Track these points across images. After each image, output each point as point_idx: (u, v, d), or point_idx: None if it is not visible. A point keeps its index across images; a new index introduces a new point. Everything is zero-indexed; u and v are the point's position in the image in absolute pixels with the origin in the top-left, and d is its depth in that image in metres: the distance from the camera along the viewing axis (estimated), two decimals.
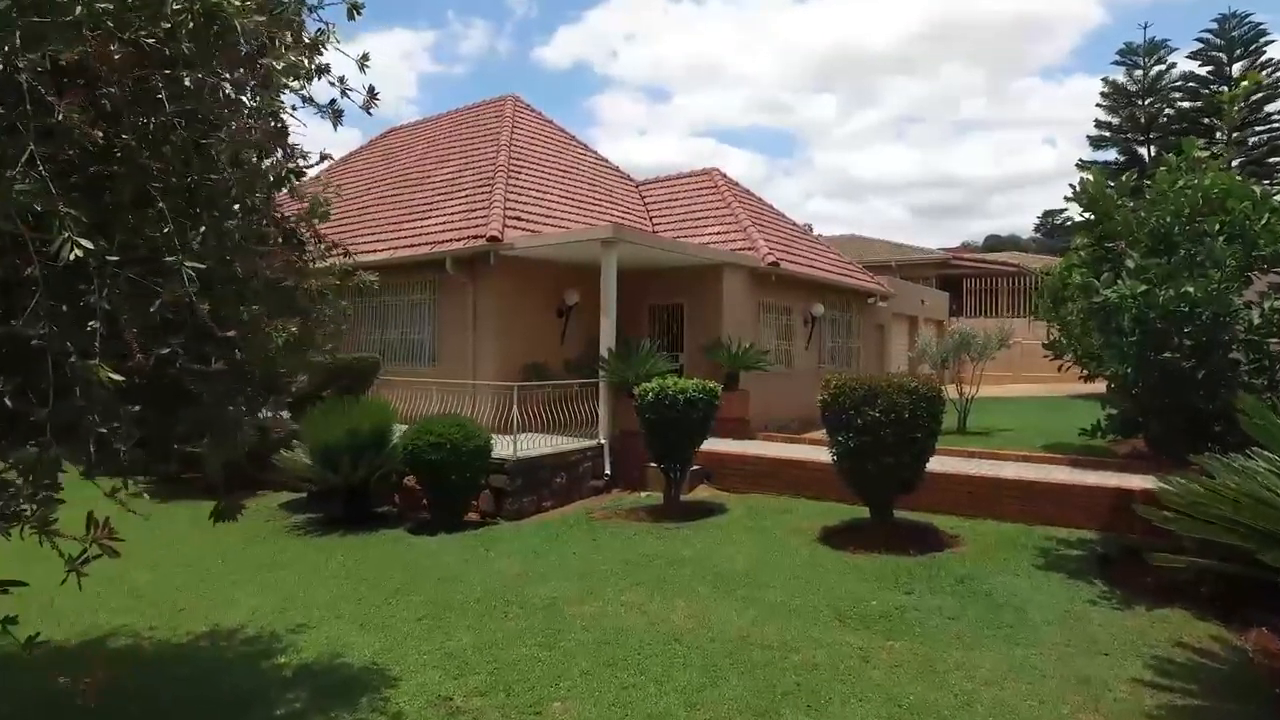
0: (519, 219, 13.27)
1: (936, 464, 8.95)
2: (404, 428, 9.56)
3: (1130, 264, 5.34)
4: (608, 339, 11.32)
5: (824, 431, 7.86)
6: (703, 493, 10.43)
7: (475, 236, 12.46)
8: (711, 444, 11.54)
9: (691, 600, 6.11)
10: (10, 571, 2.94)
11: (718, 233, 15.93)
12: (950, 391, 13.22)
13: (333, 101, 3.72)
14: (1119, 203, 6.08)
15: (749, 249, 14.80)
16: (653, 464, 10.08)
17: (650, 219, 17.63)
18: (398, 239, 14.43)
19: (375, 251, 14.45)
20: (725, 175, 18.66)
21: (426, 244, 13.40)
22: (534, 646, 5.26)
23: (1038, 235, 72.28)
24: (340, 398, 10.00)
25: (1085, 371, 6.51)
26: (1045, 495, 8.37)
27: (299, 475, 9.60)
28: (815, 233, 44.72)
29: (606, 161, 19.97)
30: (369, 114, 3.85)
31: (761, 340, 14.94)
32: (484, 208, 13.42)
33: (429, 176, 16.79)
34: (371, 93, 3.78)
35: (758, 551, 7.42)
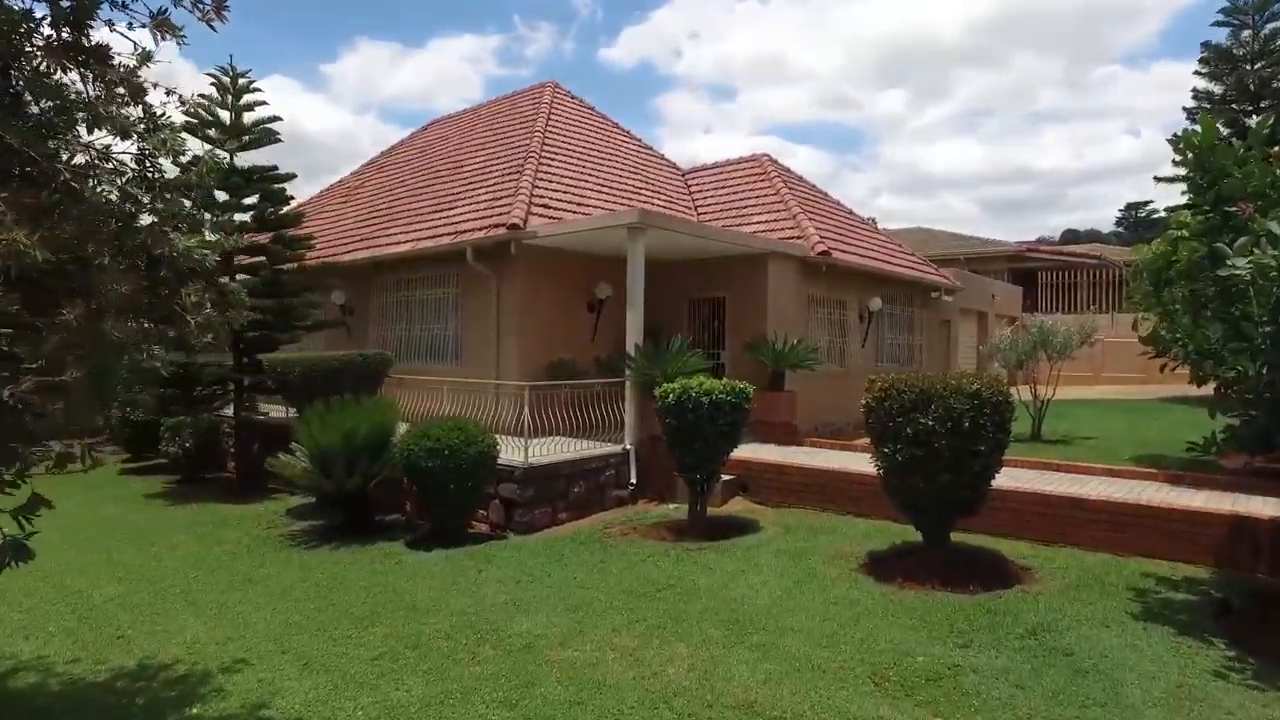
0: (547, 207, 12.38)
1: (1005, 477, 7.68)
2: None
3: (1276, 226, 3.98)
4: (635, 334, 10.32)
5: None
6: (737, 506, 9.32)
7: (496, 225, 11.63)
8: (751, 450, 10.45)
9: (697, 646, 5.06)
10: None
11: (766, 221, 14.75)
12: (1022, 393, 11.77)
13: (161, 11, 2.85)
14: (1242, 152, 4.73)
15: (798, 238, 13.59)
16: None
17: (695, 208, 16.55)
18: (421, 231, 13.74)
19: (397, 245, 13.82)
20: (775, 161, 17.44)
21: (449, 235, 12.65)
22: (493, 704, 4.31)
23: (1119, 230, 68.21)
24: (344, 397, 9.28)
25: (1199, 373, 5.13)
26: (1139, 520, 7.00)
27: (294, 481, 8.90)
28: (879, 227, 42.76)
29: (651, 149, 18.98)
30: (212, 28, 2.98)
31: (811, 337, 13.71)
32: (510, 195, 12.58)
33: (460, 167, 16.09)
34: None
35: (787, 582, 6.30)
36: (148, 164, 3.32)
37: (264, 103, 13.07)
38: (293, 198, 13.26)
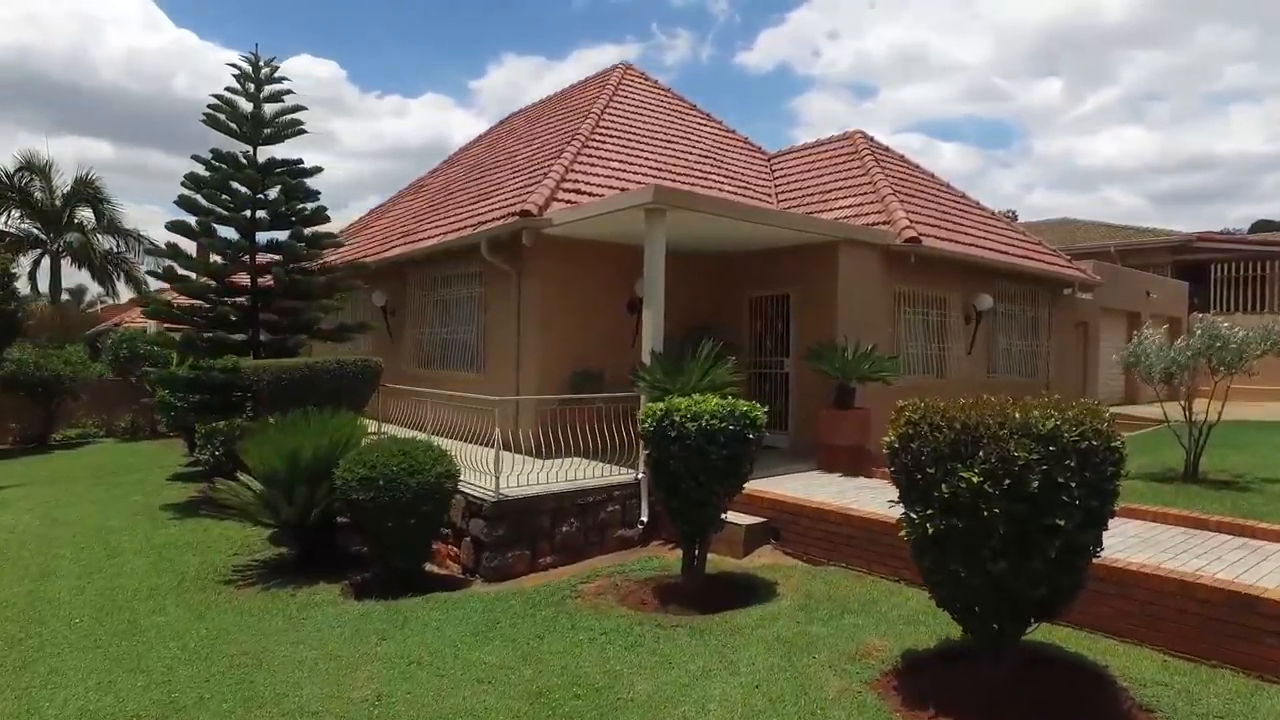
0: (579, 193, 10.76)
1: (1131, 541, 5.35)
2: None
3: None
4: (653, 339, 8.49)
5: None
6: (762, 558, 7.29)
7: (511, 213, 10.13)
8: (804, 482, 8.48)
9: None
10: None
11: (850, 205, 12.48)
12: (1172, 411, 8.93)
13: None
14: None
15: (884, 223, 11.27)
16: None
17: (776, 194, 14.45)
18: (450, 226, 12.52)
19: (427, 240, 12.66)
20: (870, 139, 15.04)
21: (471, 227, 11.31)
22: None
23: None
24: (310, 410, 8.06)
25: None
26: None
27: (241, 509, 7.71)
28: (1017, 221, 38.39)
29: (733, 133, 17.00)
30: None
31: (901, 341, 11.33)
32: (539, 182, 11.08)
33: (513, 157, 14.82)
34: None
35: (760, 701, 4.30)
36: None
37: (289, 92, 12.25)
38: (318, 192, 12.35)
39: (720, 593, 6.24)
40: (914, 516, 4.11)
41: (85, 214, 30.05)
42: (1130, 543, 6.24)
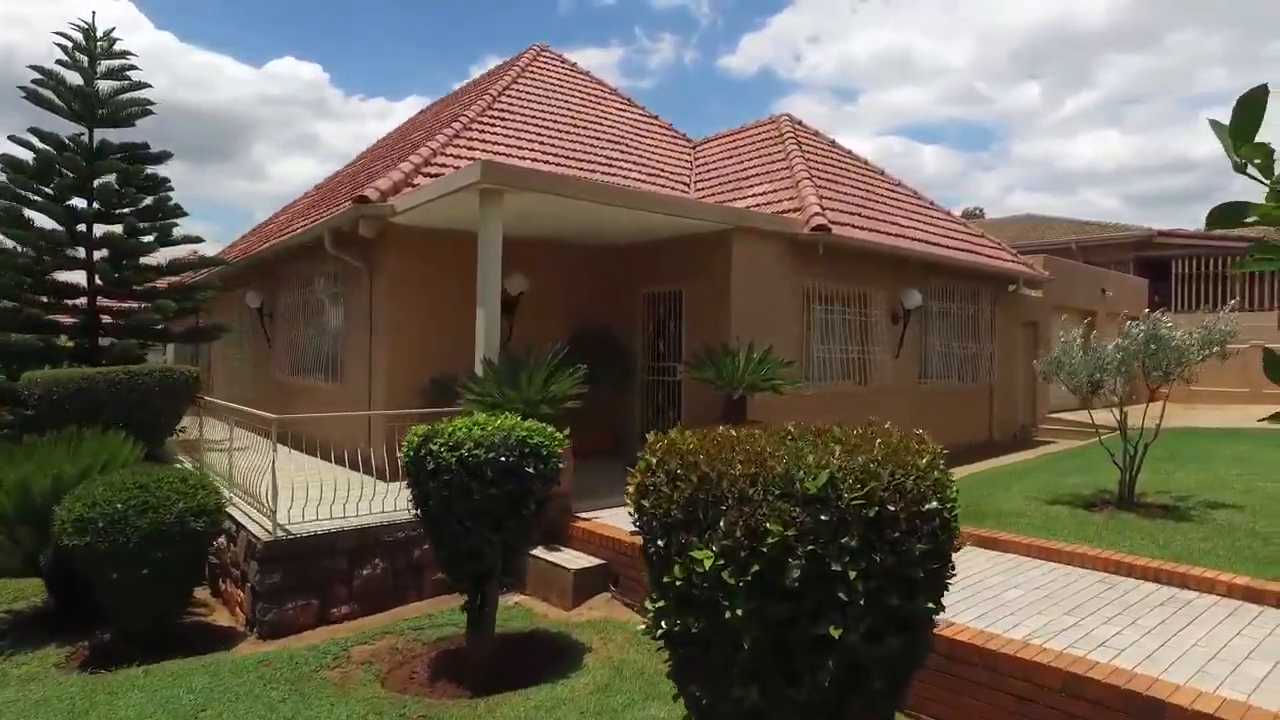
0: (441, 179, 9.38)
1: (1020, 593, 4.09)
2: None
3: None
4: (486, 345, 7.15)
5: None
6: (594, 612, 5.96)
7: (353, 201, 8.75)
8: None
9: None
10: None
11: (765, 192, 11.22)
12: (1108, 421, 7.72)
13: None
14: None
15: (795, 211, 10.00)
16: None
17: (694, 182, 13.17)
18: (313, 219, 11.14)
19: (282, 235, 11.29)
20: (798, 123, 13.83)
21: (324, 218, 9.93)
22: None
23: None
24: (82, 430, 6.68)
25: None
26: None
27: None
28: (989, 219, 37.36)
29: (655, 119, 15.70)
30: None
31: (812, 344, 10.06)
32: (396, 165, 9.72)
33: (402, 146, 13.43)
34: None
35: None
36: None
37: (133, 68, 10.81)
38: (166, 180, 10.92)
39: (517, 661, 4.93)
40: (648, 608, 2.78)
41: None
42: (1031, 597, 4.97)
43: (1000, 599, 4.94)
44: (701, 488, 2.54)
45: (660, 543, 2.65)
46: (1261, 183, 1.31)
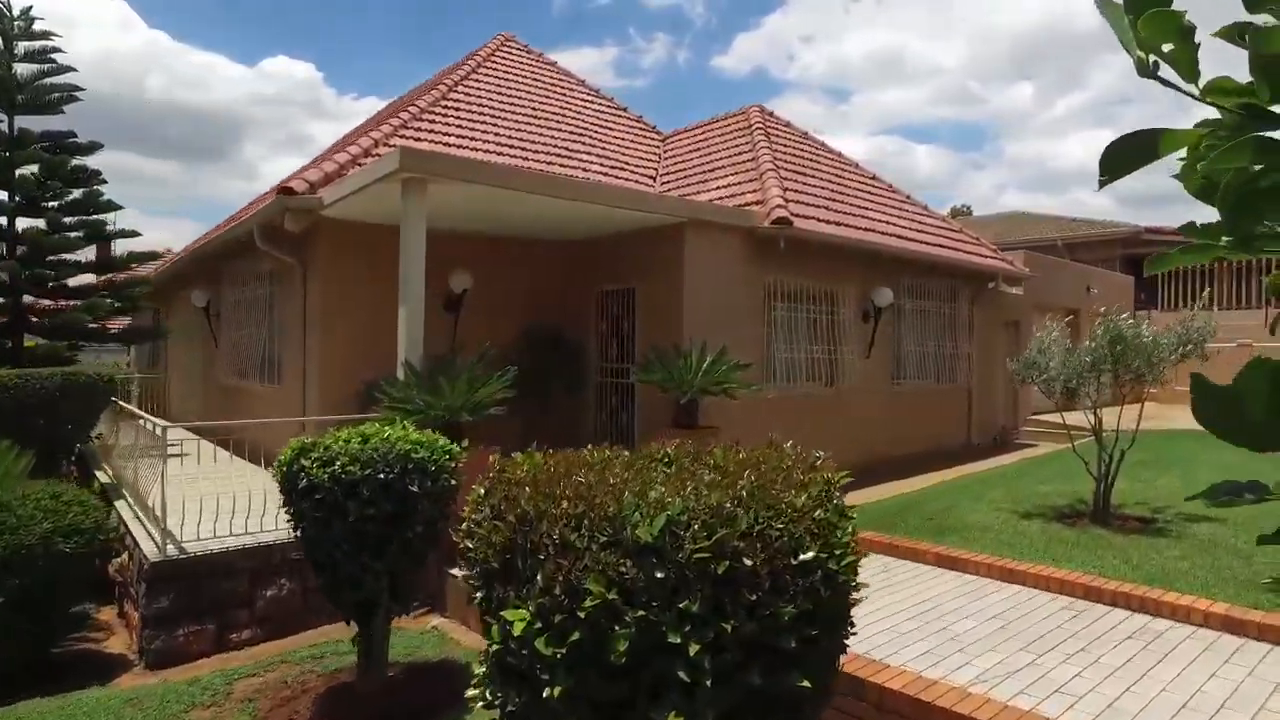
0: None
1: (973, 623, 3.62)
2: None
3: None
4: (410, 347, 6.61)
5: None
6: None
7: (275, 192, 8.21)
8: None
9: None
10: None
11: (728, 185, 10.69)
12: (1078, 419, 7.22)
13: None
14: None
15: (756, 204, 9.48)
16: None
17: (659, 176, 12.65)
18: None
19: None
20: (769, 114, 13.31)
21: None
22: None
23: None
24: None
25: None
26: None
27: None
28: (975, 216, 36.85)
29: (624, 111, 15.16)
30: None
31: (776, 344, 9.54)
32: (330, 156, 9.18)
33: (351, 139, 12.85)
34: None
35: None
36: None
37: (57, 49, 10.22)
38: (98, 173, 10.34)
39: (415, 695, 4.40)
40: (475, 673, 2.25)
41: None
42: (987, 629, 4.45)
43: (952, 631, 4.43)
44: (520, 529, 2.02)
45: (479, 595, 2.13)
46: (1179, 90, 0.79)
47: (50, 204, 9.79)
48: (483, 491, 2.27)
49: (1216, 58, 0.80)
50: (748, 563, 1.85)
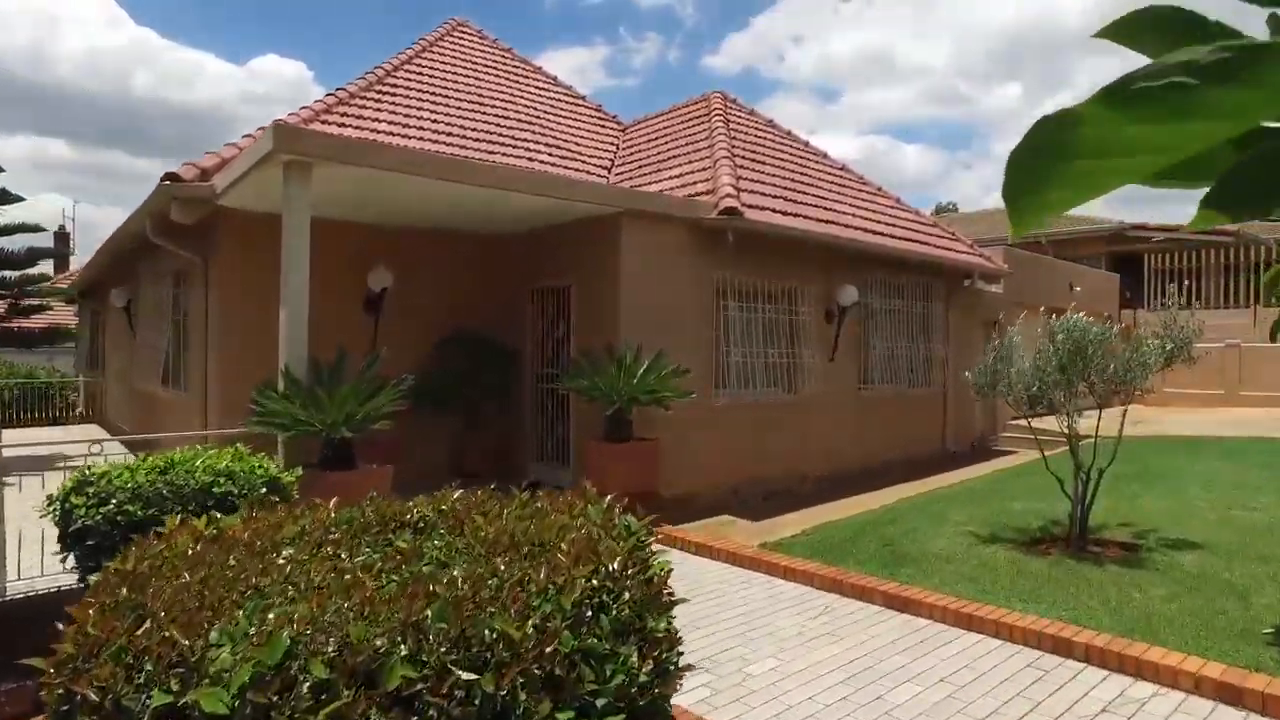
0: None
1: (915, 690, 2.80)
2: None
3: None
4: (289, 353, 5.77)
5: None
6: None
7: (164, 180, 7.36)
8: None
9: None
10: None
11: (681, 175, 9.90)
12: (1051, 426, 6.47)
13: None
14: None
15: (706, 193, 8.69)
16: None
17: (614, 166, 11.85)
18: None
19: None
20: (731, 100, 12.53)
21: None
22: None
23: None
24: None
25: None
26: None
27: None
28: (959, 214, 36.23)
29: (583, 100, 14.36)
30: None
31: (729, 346, 8.76)
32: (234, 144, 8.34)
33: None
34: None
35: None
36: None
37: None
38: None
39: None
40: None
41: None
42: (931, 698, 3.67)
43: (888, 702, 3.64)
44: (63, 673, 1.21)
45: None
46: None
47: None
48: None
49: None
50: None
